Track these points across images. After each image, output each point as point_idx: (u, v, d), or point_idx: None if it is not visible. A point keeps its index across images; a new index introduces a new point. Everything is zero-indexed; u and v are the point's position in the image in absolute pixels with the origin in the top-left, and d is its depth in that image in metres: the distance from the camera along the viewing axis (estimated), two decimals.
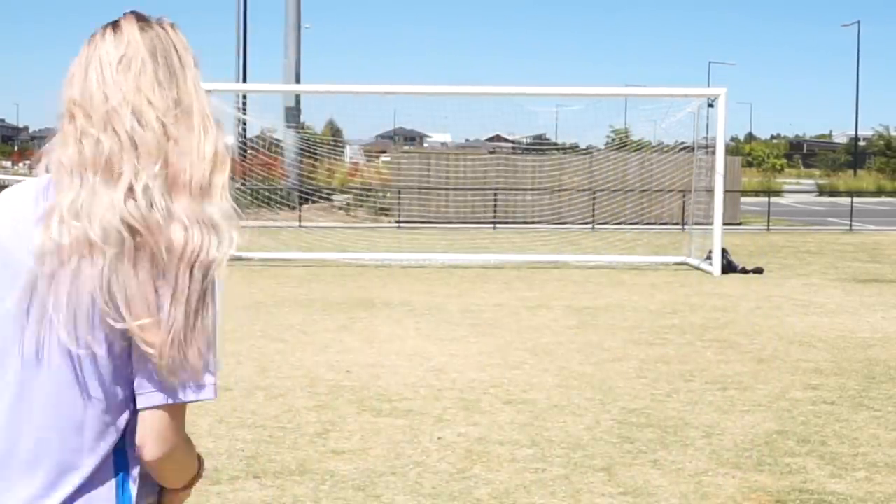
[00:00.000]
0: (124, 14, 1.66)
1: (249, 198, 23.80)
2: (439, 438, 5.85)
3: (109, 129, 1.55)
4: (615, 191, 26.11)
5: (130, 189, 1.52)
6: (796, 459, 5.49)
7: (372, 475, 5.15)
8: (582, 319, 10.49)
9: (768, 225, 25.92)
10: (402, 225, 25.15)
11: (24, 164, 47.26)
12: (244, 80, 33.22)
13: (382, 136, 64.04)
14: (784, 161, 78.04)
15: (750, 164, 64.25)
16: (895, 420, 6.40)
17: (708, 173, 17.09)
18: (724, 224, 16.42)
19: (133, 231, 1.50)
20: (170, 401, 1.53)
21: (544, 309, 11.26)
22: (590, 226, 24.50)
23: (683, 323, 10.29)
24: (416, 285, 13.43)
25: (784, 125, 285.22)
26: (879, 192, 46.65)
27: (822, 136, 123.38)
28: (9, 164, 52.99)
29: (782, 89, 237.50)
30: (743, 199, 29.77)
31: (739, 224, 26.75)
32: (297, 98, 28.50)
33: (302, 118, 30.23)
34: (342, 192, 28.64)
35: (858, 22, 63.23)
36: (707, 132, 20.82)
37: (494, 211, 26.50)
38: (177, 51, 1.64)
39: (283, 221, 23.17)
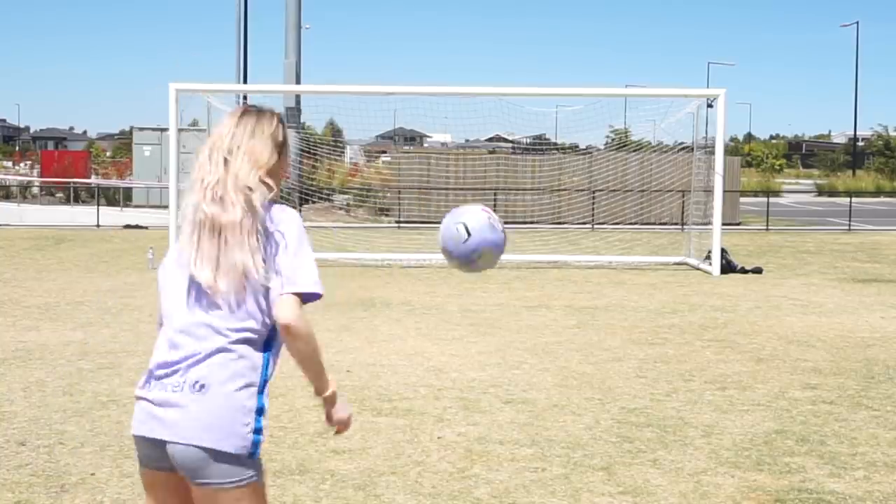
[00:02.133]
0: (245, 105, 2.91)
1: None
2: (439, 438, 5.86)
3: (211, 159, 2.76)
4: (615, 191, 26.13)
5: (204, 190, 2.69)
6: (795, 459, 5.51)
7: (372, 475, 5.17)
8: (582, 319, 10.50)
9: (767, 225, 25.93)
10: (402, 225, 25.17)
11: (25, 165, 47.18)
12: (244, 81, 33.21)
13: (382, 137, 63.95)
14: (783, 161, 78.01)
15: (749, 165, 64.24)
16: (894, 419, 6.41)
17: (707, 173, 17.11)
18: (724, 224, 16.43)
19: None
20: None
21: (544, 309, 11.27)
22: (589, 226, 24.51)
23: (683, 322, 10.30)
24: (416, 285, 13.45)
25: (783, 125, 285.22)
26: (878, 193, 46.69)
27: (821, 136, 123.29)
28: (10, 164, 52.94)
29: (781, 89, 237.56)
30: (742, 199, 29.78)
31: (739, 224, 26.76)
32: (298, 98, 28.48)
33: (302, 118, 30.23)
34: (342, 192, 28.65)
35: (857, 22, 63.22)
36: (706, 132, 20.85)
37: (494, 211, 26.48)
38: (262, 124, 2.79)
39: None
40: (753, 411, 6.57)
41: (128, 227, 23.73)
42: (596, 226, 24.55)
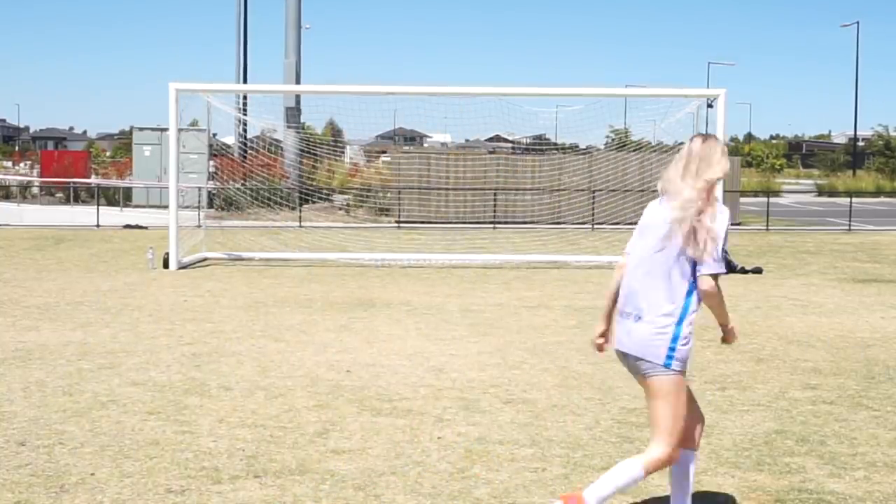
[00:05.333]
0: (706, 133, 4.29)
1: (249, 198, 23.82)
2: (439, 438, 5.86)
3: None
4: (614, 191, 26.13)
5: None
6: (795, 459, 5.51)
7: (372, 475, 5.17)
8: (582, 319, 10.50)
9: (767, 225, 25.93)
10: (402, 225, 25.17)
11: (25, 164, 47.15)
12: (244, 81, 33.22)
13: (382, 137, 64.01)
14: (783, 161, 78.04)
15: (749, 165, 64.27)
16: (894, 420, 6.41)
17: None
18: None
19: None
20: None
21: (544, 309, 11.27)
22: (589, 226, 24.52)
23: None
24: (416, 285, 13.45)
25: (783, 125, 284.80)
26: (878, 193, 46.69)
27: (822, 136, 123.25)
28: (10, 164, 52.89)
29: (781, 89, 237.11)
30: (742, 200, 29.78)
31: (739, 224, 26.75)
32: (298, 98, 28.49)
33: (302, 118, 30.23)
34: (342, 192, 28.66)
35: (857, 22, 63.14)
36: (706, 132, 20.77)
37: (494, 211, 26.51)
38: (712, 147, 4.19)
39: (283, 221, 23.19)
40: (753, 411, 6.57)
41: (128, 227, 23.72)
42: (596, 226, 24.55)
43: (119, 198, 29.33)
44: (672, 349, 4.03)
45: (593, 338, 4.51)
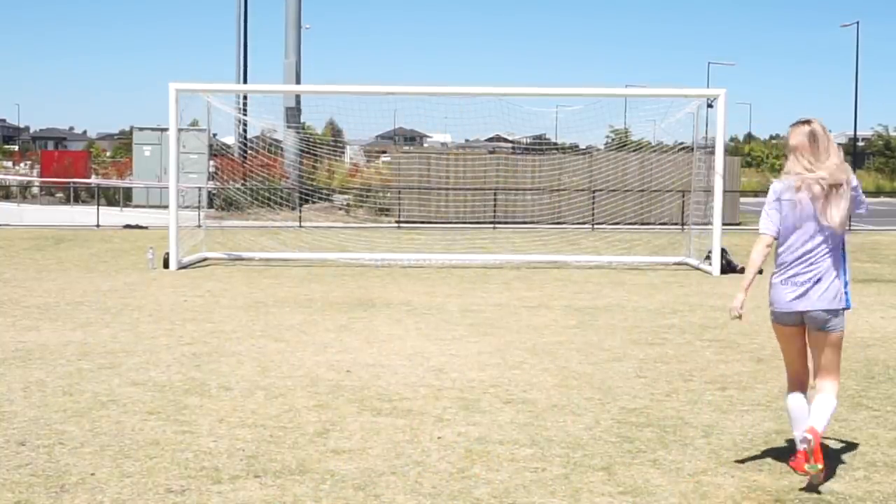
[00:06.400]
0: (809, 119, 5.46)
1: (249, 198, 23.83)
2: (439, 438, 5.86)
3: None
4: (614, 191, 26.14)
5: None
6: None
7: (372, 475, 5.17)
8: (582, 319, 10.50)
9: None
10: (402, 225, 25.18)
11: (25, 165, 47.17)
12: (245, 81, 33.22)
13: (382, 137, 63.98)
14: (783, 161, 77.93)
15: (749, 165, 64.23)
16: (894, 419, 6.41)
17: (707, 173, 17.11)
18: (724, 224, 16.43)
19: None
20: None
21: (544, 309, 11.27)
22: (589, 226, 24.52)
23: (683, 323, 10.30)
24: (416, 285, 13.45)
25: (783, 125, 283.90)
26: (878, 193, 46.73)
27: None
28: (10, 164, 52.90)
29: (782, 89, 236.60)
30: (742, 199, 29.79)
31: (738, 224, 26.76)
32: (298, 98, 28.50)
33: (302, 118, 30.23)
34: (342, 192, 28.67)
35: (857, 22, 63.03)
36: (706, 132, 20.83)
37: (494, 211, 26.52)
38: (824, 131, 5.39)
39: (283, 221, 23.19)
40: (753, 411, 6.57)
41: (128, 227, 23.74)
42: (596, 226, 24.56)
43: (119, 198, 29.34)
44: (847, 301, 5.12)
45: (733, 307, 5.41)
